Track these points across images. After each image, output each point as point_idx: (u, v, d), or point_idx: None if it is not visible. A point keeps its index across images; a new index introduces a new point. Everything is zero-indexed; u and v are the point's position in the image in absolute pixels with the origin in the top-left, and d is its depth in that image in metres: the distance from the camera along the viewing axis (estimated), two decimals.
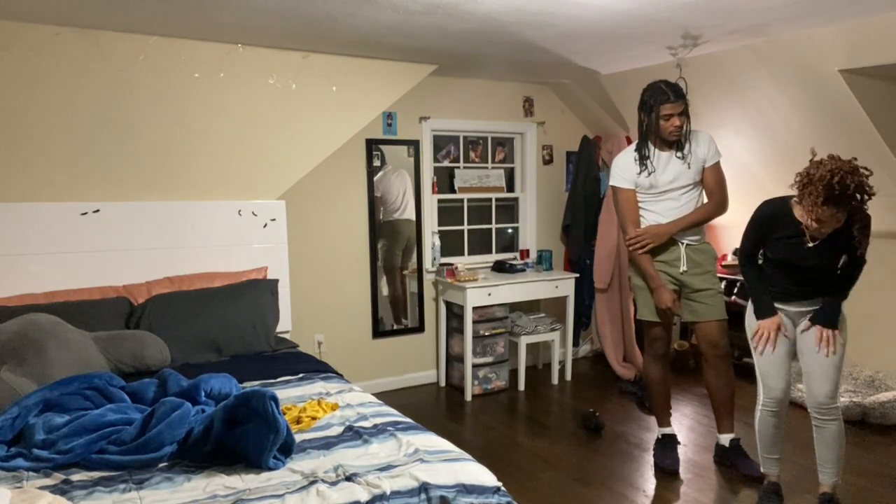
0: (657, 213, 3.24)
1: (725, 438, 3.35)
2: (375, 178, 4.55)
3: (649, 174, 3.19)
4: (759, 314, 2.77)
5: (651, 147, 3.20)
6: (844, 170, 2.33)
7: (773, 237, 2.66)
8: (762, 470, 2.95)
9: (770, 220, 2.67)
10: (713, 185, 3.25)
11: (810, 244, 2.55)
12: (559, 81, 4.96)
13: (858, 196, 2.36)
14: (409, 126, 4.65)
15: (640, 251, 3.21)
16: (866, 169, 2.38)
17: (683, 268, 3.23)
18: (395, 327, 4.79)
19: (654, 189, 3.22)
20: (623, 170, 3.27)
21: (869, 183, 2.38)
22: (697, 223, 3.25)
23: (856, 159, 2.41)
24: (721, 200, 3.24)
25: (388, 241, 4.67)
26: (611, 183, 3.34)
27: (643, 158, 3.20)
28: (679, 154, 3.18)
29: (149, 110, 3.40)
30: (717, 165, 3.24)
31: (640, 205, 3.28)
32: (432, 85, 4.57)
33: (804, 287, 2.69)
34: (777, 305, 2.76)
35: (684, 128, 3.14)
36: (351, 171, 4.47)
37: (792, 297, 2.73)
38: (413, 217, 4.74)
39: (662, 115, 3.10)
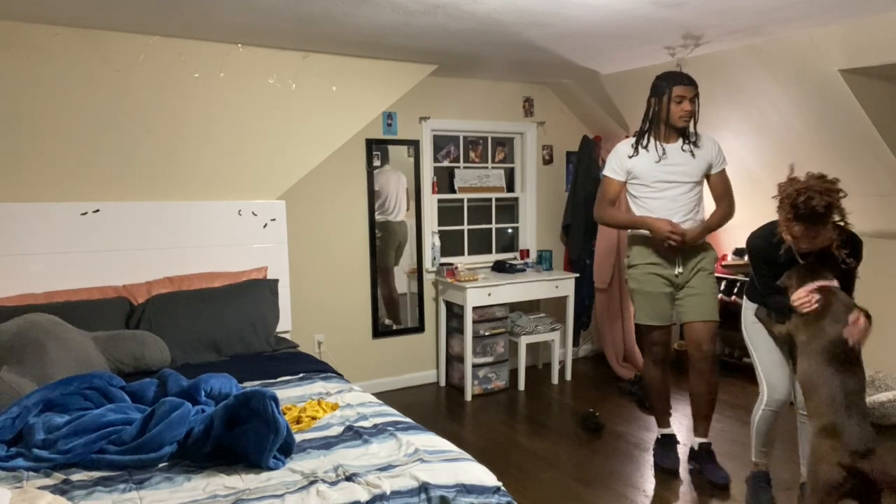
0: (653, 210, 3.13)
1: (696, 442, 3.30)
2: (374, 172, 4.55)
3: (659, 160, 3.10)
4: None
5: (656, 139, 3.14)
6: (814, 189, 2.32)
7: (778, 262, 2.64)
8: (754, 460, 2.97)
9: (767, 249, 2.63)
10: (722, 191, 3.23)
11: (801, 262, 2.56)
12: (559, 81, 4.96)
13: (827, 217, 2.34)
14: (409, 126, 4.65)
15: (673, 239, 3.05)
16: (839, 191, 2.36)
17: (679, 269, 3.20)
18: (395, 327, 4.79)
19: (653, 179, 3.13)
20: (615, 158, 3.23)
21: (840, 205, 2.36)
22: (714, 228, 3.24)
23: (838, 180, 2.38)
24: (730, 205, 3.24)
25: (381, 242, 4.67)
26: (602, 172, 3.30)
27: (640, 140, 3.15)
28: (686, 146, 3.13)
29: (149, 110, 3.40)
30: (724, 171, 3.24)
31: (636, 201, 3.21)
32: (432, 85, 4.57)
33: None
34: None
35: (693, 117, 3.11)
36: (351, 171, 4.47)
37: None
38: (404, 219, 4.74)
39: (675, 95, 3.05)
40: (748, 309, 2.88)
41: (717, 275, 4.81)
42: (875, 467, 2.23)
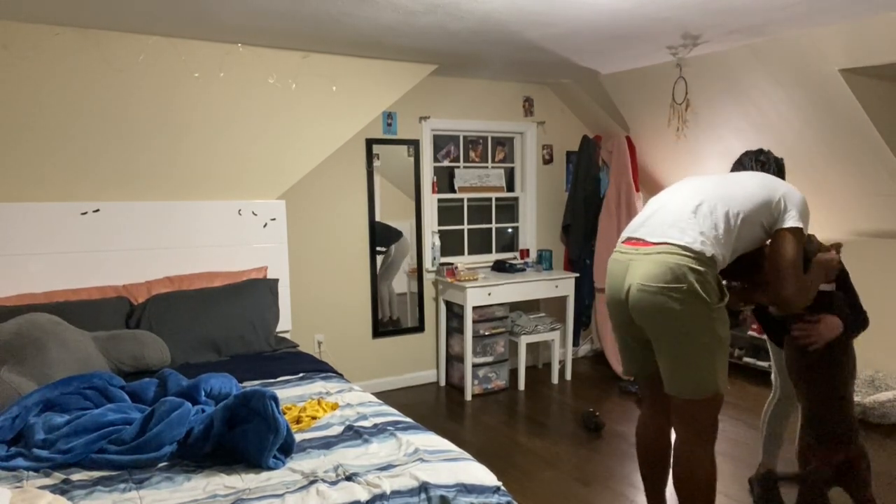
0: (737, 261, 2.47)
1: None
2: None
3: None
4: None
5: None
6: None
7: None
8: (762, 460, 2.97)
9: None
10: None
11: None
12: (559, 81, 4.96)
13: None
14: (409, 126, 4.65)
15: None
16: None
17: None
18: (392, 328, 4.79)
19: None
20: (806, 205, 2.43)
21: None
22: None
23: None
24: None
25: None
26: (800, 224, 2.34)
27: None
28: None
29: (149, 110, 3.40)
30: None
31: (754, 239, 2.42)
32: (432, 85, 4.57)
33: None
34: None
35: None
36: (351, 171, 4.47)
37: None
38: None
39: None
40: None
41: None
42: (851, 451, 2.35)
